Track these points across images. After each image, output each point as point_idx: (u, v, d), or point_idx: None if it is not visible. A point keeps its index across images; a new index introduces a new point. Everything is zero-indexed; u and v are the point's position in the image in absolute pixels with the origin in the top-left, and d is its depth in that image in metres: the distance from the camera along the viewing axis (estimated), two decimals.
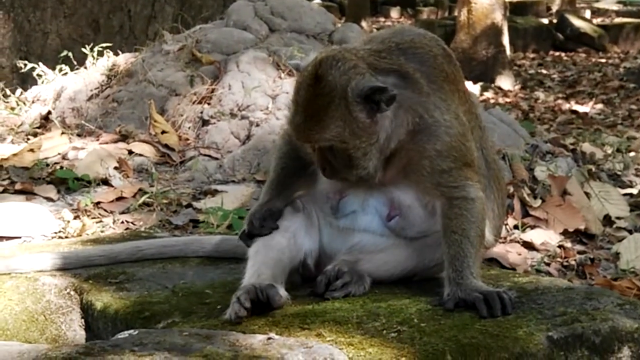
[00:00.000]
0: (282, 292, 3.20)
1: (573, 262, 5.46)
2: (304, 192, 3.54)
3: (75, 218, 5.42)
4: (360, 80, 3.14)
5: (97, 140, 6.60)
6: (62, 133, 6.69)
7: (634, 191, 6.82)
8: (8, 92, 7.68)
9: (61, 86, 7.28)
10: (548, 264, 5.37)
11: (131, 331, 2.84)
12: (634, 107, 16.28)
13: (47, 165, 6.23)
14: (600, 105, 16.53)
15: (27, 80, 8.30)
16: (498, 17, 18.05)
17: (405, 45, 3.32)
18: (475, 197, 3.27)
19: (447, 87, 3.33)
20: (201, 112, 6.67)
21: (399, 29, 3.49)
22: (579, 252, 5.62)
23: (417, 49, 3.32)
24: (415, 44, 3.34)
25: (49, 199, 5.73)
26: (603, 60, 22.03)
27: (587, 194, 6.33)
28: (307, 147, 3.32)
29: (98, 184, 5.95)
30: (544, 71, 20.89)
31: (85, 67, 7.46)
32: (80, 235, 5.08)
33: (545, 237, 5.69)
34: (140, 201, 5.64)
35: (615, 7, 31.78)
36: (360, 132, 3.17)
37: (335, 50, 3.24)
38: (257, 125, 6.50)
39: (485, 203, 3.33)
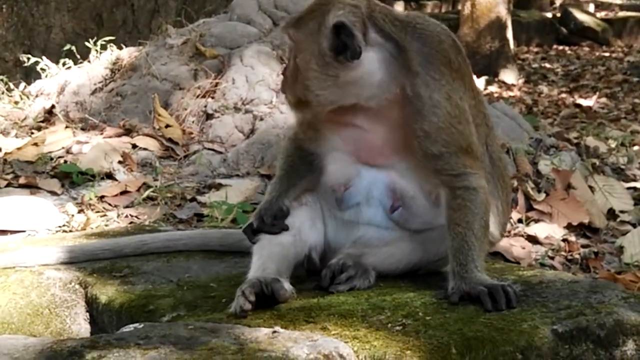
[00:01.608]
0: (287, 285, 3.20)
1: (577, 256, 5.46)
2: (309, 189, 3.54)
3: (79, 212, 5.42)
4: (343, 14, 3.20)
5: (101, 134, 6.60)
6: (66, 127, 6.69)
7: (638, 185, 6.82)
8: (12, 86, 7.68)
9: (65, 80, 7.28)
10: (552, 258, 5.38)
11: (136, 325, 2.84)
12: (637, 101, 16.27)
13: (51, 159, 6.23)
14: (604, 99, 16.52)
15: (30, 74, 8.30)
16: (502, 11, 18.04)
17: (414, 24, 3.33)
18: (477, 186, 3.26)
19: (446, 70, 3.30)
20: (205, 106, 6.68)
21: (416, 14, 3.51)
22: (583, 246, 5.62)
23: (425, 32, 3.32)
24: (425, 27, 3.34)
25: (53, 193, 5.74)
26: (607, 54, 22.00)
27: (591, 187, 6.33)
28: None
29: (102, 178, 5.95)
30: (548, 65, 20.87)
31: (89, 61, 7.46)
32: (85, 229, 5.09)
33: (549, 230, 5.69)
34: (145, 195, 5.64)
35: (618, 1, 31.72)
36: (318, 58, 3.21)
37: None
38: (261, 119, 6.50)
39: (488, 193, 3.32)
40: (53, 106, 7.08)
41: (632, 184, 6.82)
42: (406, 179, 3.35)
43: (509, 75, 18.20)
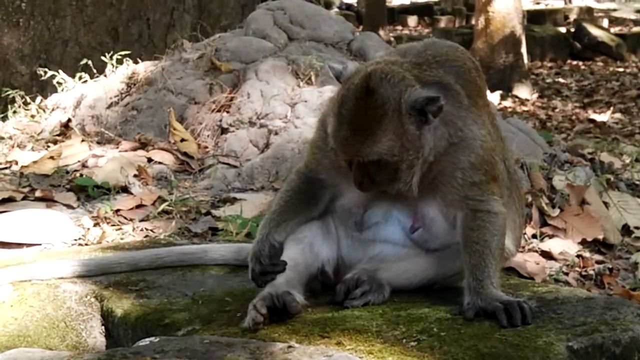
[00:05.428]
0: (299, 298, 3.21)
1: (591, 272, 5.44)
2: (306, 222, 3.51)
3: (95, 225, 5.44)
4: (412, 91, 3.14)
5: (117, 148, 6.63)
6: (82, 141, 6.73)
7: None
8: (28, 99, 7.72)
9: (81, 94, 7.32)
10: (566, 274, 5.36)
11: (152, 338, 2.85)
12: None
13: (67, 172, 6.26)
14: (618, 115, 16.48)
15: (46, 88, 8.34)
16: (516, 25, 18.05)
17: (441, 58, 3.33)
18: (498, 211, 3.28)
19: (480, 101, 3.35)
20: (220, 121, 6.70)
21: (429, 42, 3.48)
22: (598, 262, 5.61)
23: (453, 62, 3.33)
24: (450, 57, 3.35)
25: (69, 207, 5.76)
26: (621, 69, 21.98)
27: (605, 203, 6.32)
28: (343, 161, 3.28)
29: (118, 192, 5.97)
30: (562, 80, 20.85)
31: (105, 75, 7.50)
32: (100, 243, 5.11)
33: (564, 246, 5.68)
34: (160, 209, 5.66)
35: (633, 16, 31.71)
36: (409, 144, 3.16)
37: (382, 64, 3.23)
38: (276, 133, 6.52)
39: (506, 218, 3.33)
40: (69, 120, 7.12)
41: None
42: (429, 202, 3.35)
43: (522, 90, 18.20)
